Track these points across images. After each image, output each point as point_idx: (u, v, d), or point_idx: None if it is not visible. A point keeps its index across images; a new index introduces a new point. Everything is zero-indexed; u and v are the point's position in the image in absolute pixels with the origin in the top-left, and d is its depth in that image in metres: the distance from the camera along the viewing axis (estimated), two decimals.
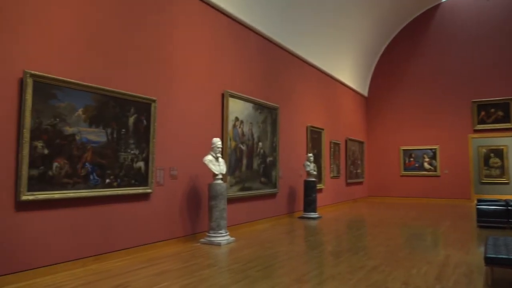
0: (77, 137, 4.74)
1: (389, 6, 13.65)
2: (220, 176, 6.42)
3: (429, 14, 14.86)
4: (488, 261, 4.12)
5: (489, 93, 13.63)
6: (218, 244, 6.14)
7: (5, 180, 4.08)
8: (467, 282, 4.23)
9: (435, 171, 14.45)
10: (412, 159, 14.91)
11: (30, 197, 4.22)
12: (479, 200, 8.60)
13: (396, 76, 15.35)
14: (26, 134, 4.19)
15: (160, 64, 6.08)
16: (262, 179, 8.60)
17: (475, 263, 5.05)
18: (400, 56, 15.27)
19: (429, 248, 6.42)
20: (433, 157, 14.52)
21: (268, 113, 8.87)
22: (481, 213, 8.24)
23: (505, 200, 8.29)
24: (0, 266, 4.00)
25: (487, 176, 16.16)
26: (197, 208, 6.70)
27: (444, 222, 9.10)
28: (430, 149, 14.58)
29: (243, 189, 7.90)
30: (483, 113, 13.72)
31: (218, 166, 6.43)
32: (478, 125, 13.77)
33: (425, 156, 14.68)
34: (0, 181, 4.04)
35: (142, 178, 5.62)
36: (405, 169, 15.00)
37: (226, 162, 7.08)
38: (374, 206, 13.09)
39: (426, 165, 14.66)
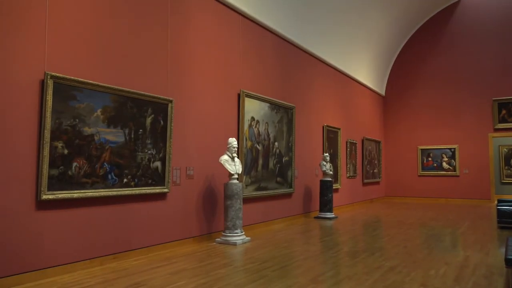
0: (96, 138, 4.82)
1: (407, 4, 13.45)
2: (236, 176, 6.44)
3: (448, 12, 14.58)
4: (509, 262, 4.02)
5: (510, 91, 13.32)
6: (234, 244, 6.16)
7: (26, 180, 4.18)
8: (486, 284, 4.15)
9: (454, 171, 14.19)
10: (430, 159, 14.67)
11: (50, 196, 4.32)
12: (500, 201, 8.43)
13: (414, 75, 15.12)
14: (47, 135, 4.28)
15: (177, 65, 6.14)
16: (278, 179, 8.60)
17: (495, 265, 4.94)
18: (418, 55, 15.02)
19: (447, 249, 6.32)
20: (452, 156, 14.26)
21: (284, 113, 8.86)
22: (502, 214, 8.06)
23: None
24: (20, 264, 4.10)
25: (508, 176, 15.80)
26: (213, 207, 6.74)
27: (464, 222, 8.94)
28: (449, 148, 14.33)
29: (258, 189, 7.91)
30: (504, 111, 13.41)
31: (234, 166, 6.45)
32: (499, 124, 13.46)
33: (444, 155, 14.43)
34: (21, 180, 4.14)
35: (159, 178, 5.69)
36: (423, 169, 14.77)
37: (242, 162, 7.10)
38: (391, 206, 12.94)
39: (444, 164, 14.41)
